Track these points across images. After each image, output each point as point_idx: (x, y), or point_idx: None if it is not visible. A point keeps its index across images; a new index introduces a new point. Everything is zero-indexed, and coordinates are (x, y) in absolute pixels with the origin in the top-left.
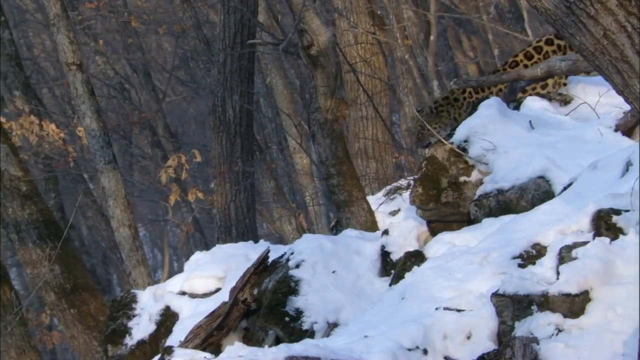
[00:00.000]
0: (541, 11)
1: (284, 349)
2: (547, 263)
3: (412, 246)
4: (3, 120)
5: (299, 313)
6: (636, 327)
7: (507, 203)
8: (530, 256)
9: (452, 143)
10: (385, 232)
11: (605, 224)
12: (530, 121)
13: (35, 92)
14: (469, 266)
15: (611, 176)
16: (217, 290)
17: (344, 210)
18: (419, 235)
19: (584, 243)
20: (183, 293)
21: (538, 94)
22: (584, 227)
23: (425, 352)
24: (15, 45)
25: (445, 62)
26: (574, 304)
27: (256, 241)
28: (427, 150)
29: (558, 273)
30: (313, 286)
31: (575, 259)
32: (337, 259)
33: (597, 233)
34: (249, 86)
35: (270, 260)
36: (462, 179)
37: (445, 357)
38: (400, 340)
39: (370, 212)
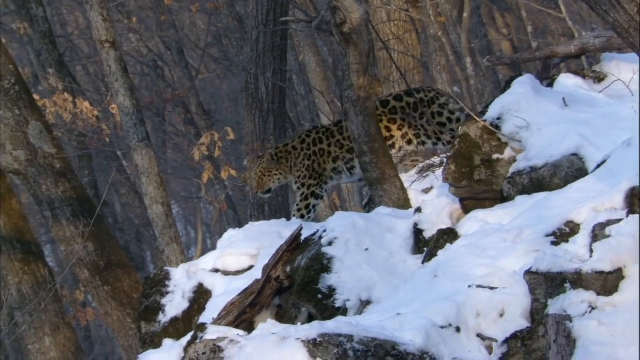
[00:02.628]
0: None
1: (317, 326)
2: (580, 241)
3: (444, 224)
4: (37, 97)
5: (331, 290)
6: None
7: (541, 180)
8: (564, 234)
9: (485, 120)
10: (418, 210)
11: (639, 202)
12: (563, 98)
13: (69, 70)
14: (502, 244)
15: None
16: (250, 267)
17: (376, 188)
18: (452, 213)
19: (618, 221)
20: (216, 270)
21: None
22: (617, 205)
23: (458, 329)
24: (49, 23)
25: (479, 40)
26: (608, 282)
27: (289, 219)
28: (266, 196)
29: (591, 251)
30: (346, 264)
31: (608, 236)
32: (370, 237)
33: (631, 210)
34: (281, 64)
35: (303, 237)
36: (495, 156)
37: (478, 335)
38: (433, 318)
39: (403, 190)
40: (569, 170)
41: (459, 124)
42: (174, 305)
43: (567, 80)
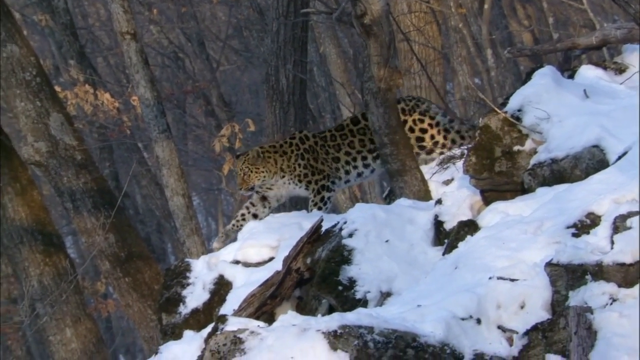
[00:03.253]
0: None
1: (337, 318)
2: (601, 232)
3: (465, 215)
4: (58, 89)
5: (352, 282)
6: None
7: (561, 172)
8: (585, 225)
9: (506, 112)
10: (439, 202)
11: None
12: (584, 90)
13: (90, 62)
14: (522, 235)
15: None
16: (271, 259)
17: (397, 180)
18: (473, 205)
19: (639, 212)
20: (237, 262)
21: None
22: (638, 196)
23: (478, 321)
24: (70, 15)
25: (500, 31)
26: (629, 274)
27: (309, 210)
28: (248, 193)
29: (612, 242)
30: (366, 255)
31: (629, 228)
32: (391, 228)
33: None
34: (302, 55)
35: (323, 229)
36: (516, 148)
37: (498, 327)
38: (454, 310)
39: (424, 181)
40: (590, 162)
41: (439, 127)
42: (195, 296)
43: (588, 72)
